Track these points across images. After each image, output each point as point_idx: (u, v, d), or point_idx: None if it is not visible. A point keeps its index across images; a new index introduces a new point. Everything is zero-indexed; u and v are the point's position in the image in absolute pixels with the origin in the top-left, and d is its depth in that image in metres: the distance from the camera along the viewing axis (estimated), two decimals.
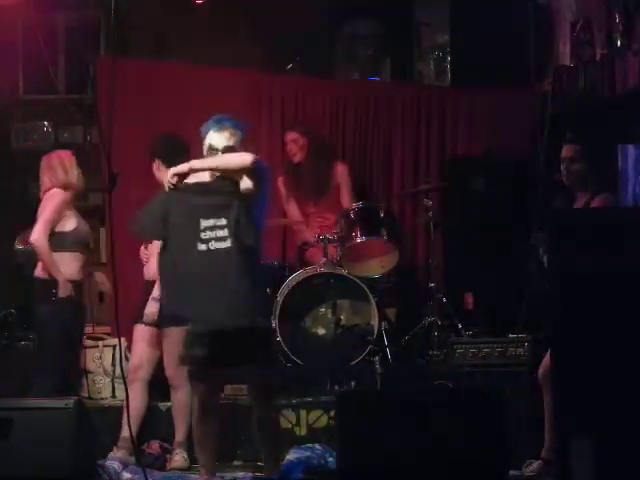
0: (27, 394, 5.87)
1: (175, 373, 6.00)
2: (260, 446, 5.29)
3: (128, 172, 6.37)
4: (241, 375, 5.26)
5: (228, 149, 5.12)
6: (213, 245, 5.01)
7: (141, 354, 6.08)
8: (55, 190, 6.16)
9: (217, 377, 5.22)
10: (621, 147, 6.98)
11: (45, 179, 6.21)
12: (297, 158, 7.29)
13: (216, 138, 5.15)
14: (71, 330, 6.09)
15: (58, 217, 6.11)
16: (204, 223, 5.03)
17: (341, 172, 7.35)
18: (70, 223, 6.16)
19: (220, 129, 5.15)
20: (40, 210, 6.13)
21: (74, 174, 6.24)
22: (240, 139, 5.18)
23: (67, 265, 6.10)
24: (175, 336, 5.94)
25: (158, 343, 6.05)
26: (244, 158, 5.08)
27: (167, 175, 5.17)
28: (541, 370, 5.58)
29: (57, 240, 6.09)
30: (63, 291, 6.02)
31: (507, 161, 7.74)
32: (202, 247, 5.02)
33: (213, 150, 5.14)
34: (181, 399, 6.05)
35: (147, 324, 6.10)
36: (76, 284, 6.14)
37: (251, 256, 5.05)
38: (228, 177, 5.07)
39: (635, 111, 6.61)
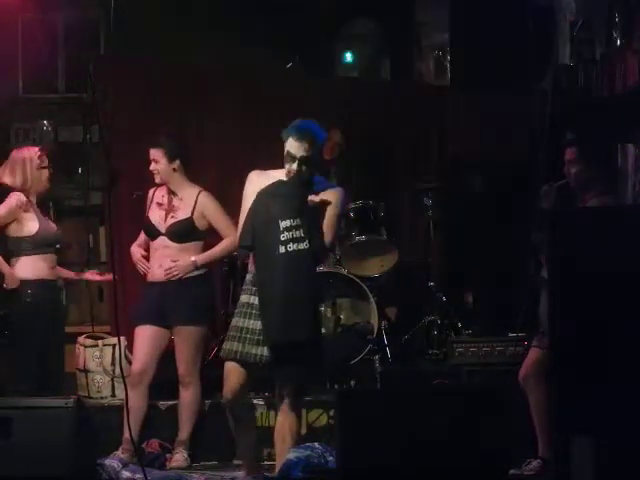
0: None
1: (187, 371, 6.00)
2: (276, 446, 5.30)
3: (128, 171, 6.40)
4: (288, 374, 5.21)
5: (304, 159, 5.05)
6: (291, 247, 4.98)
7: (145, 358, 5.99)
8: (15, 193, 6.04)
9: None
10: (621, 147, 6.99)
11: (19, 176, 6.13)
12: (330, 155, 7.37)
13: (295, 147, 5.05)
14: (42, 331, 6.02)
15: (9, 219, 5.98)
16: (282, 224, 4.98)
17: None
18: (30, 227, 6.03)
19: (301, 138, 5.05)
20: None
21: (35, 176, 6.07)
22: (317, 150, 5.12)
23: (31, 267, 6.00)
24: (190, 334, 5.98)
25: (161, 342, 6.04)
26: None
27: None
28: (522, 372, 5.57)
29: (15, 245, 6.02)
30: (9, 283, 5.95)
31: (507, 161, 7.74)
32: (282, 249, 4.97)
33: (291, 157, 5.07)
34: (189, 397, 6.05)
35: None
36: (51, 284, 6.12)
37: (316, 261, 5.12)
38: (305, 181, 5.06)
39: (635, 111, 6.61)
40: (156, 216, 6.06)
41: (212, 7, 9.76)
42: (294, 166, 5.08)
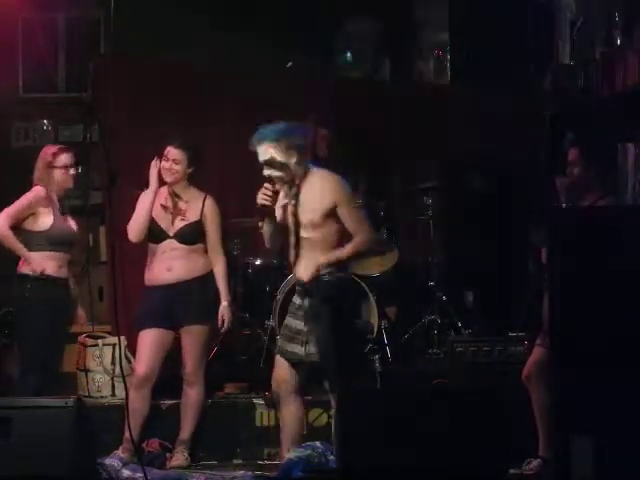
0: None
1: (194, 369, 6.01)
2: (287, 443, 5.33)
3: (128, 171, 6.39)
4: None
5: (267, 162, 5.04)
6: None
7: (150, 362, 5.97)
8: (35, 187, 6.11)
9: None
10: (621, 147, 6.99)
11: (36, 173, 6.16)
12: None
13: (258, 152, 5.07)
14: (48, 329, 6.02)
15: (26, 212, 6.01)
16: None
17: None
18: (44, 222, 6.05)
19: (259, 142, 5.05)
20: None
21: (60, 174, 6.13)
22: (283, 147, 5.03)
23: (37, 263, 6.06)
24: (199, 332, 6.00)
25: (166, 345, 6.03)
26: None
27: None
28: (525, 370, 5.58)
29: (26, 239, 6.01)
30: (35, 267, 5.97)
31: (507, 161, 7.74)
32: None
33: (263, 164, 5.09)
34: (194, 396, 6.05)
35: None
36: (57, 282, 6.10)
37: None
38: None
39: (635, 111, 6.61)
40: (162, 219, 6.05)
41: (212, 7, 9.73)
42: (265, 173, 5.07)
